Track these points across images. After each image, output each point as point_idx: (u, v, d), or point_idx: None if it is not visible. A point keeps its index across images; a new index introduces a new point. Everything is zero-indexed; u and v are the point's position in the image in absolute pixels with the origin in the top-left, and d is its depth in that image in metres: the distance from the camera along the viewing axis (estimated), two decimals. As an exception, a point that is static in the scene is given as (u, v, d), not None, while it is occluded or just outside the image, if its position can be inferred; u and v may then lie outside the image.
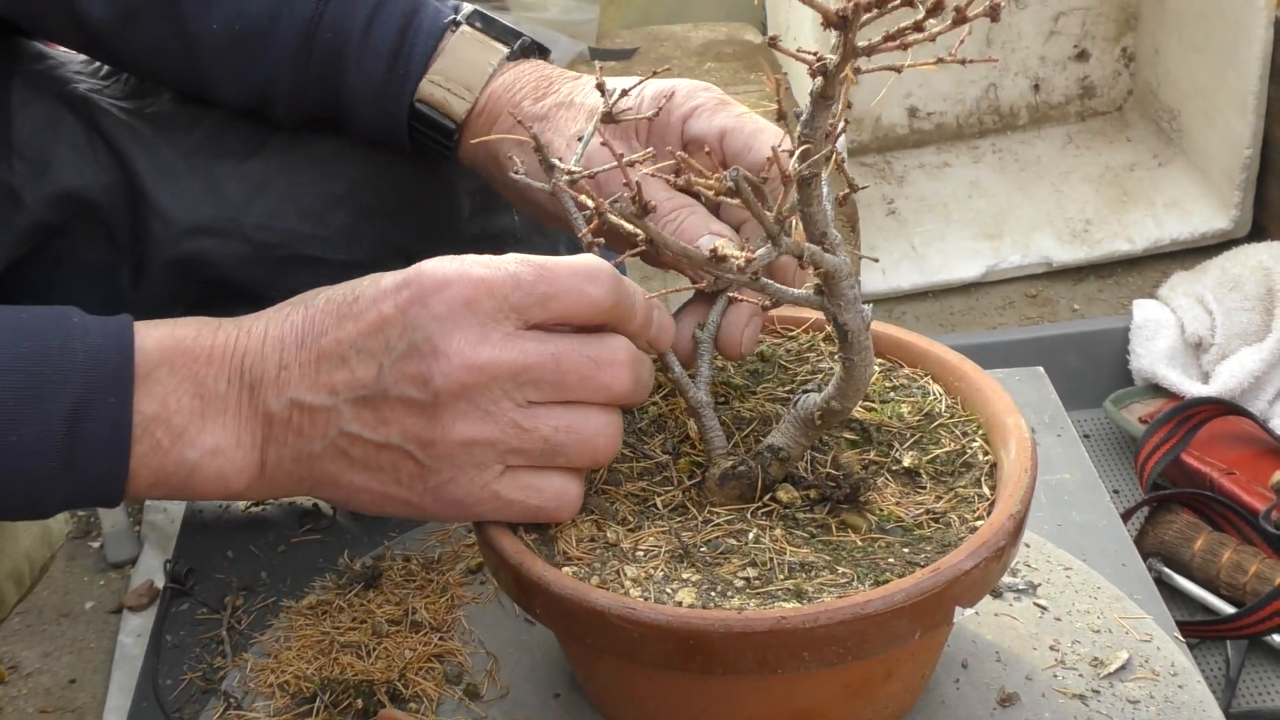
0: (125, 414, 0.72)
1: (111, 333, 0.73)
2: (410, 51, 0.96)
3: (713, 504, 0.81)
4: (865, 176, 2.71)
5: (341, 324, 0.74)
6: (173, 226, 0.98)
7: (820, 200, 0.66)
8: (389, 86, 0.96)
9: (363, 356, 0.73)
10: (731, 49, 2.68)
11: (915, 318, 2.49)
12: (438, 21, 0.98)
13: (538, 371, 0.73)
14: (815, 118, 0.62)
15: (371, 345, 0.73)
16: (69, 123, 0.99)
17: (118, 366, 0.72)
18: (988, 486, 0.81)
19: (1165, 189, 2.63)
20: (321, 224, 1.00)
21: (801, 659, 0.70)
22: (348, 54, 0.96)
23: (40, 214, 0.98)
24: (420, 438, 0.73)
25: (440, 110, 0.96)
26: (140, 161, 0.99)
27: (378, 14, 0.96)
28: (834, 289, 0.70)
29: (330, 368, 0.74)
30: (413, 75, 0.96)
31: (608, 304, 0.74)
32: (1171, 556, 1.82)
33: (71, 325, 0.73)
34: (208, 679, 0.96)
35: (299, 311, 0.75)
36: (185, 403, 0.74)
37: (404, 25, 0.97)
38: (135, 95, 1.03)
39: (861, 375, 0.75)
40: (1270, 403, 2.07)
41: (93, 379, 0.72)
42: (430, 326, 0.71)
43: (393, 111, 0.97)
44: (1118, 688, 0.86)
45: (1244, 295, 2.14)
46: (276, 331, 0.75)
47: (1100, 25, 2.75)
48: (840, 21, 0.55)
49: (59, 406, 0.71)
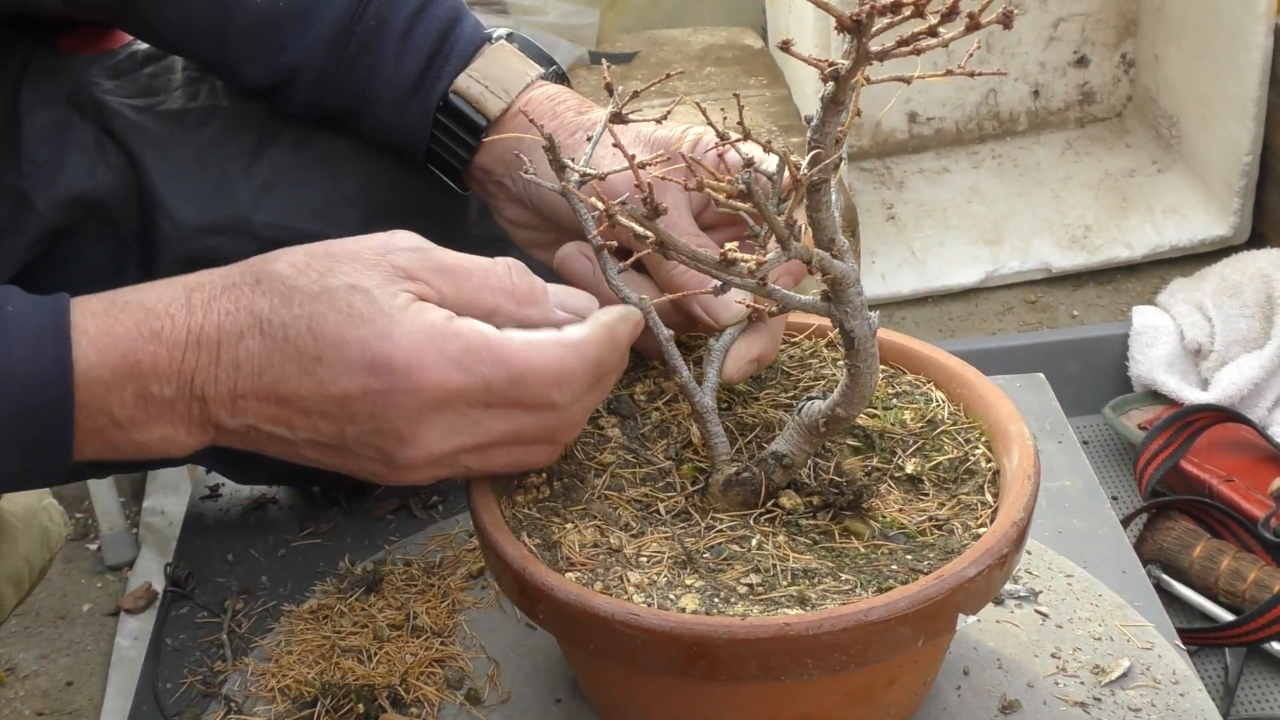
0: (66, 425, 0.74)
1: (48, 335, 0.73)
2: (450, 51, 0.97)
3: (716, 510, 0.81)
4: (865, 182, 2.71)
5: (302, 379, 0.75)
6: (182, 226, 0.98)
7: (829, 206, 0.66)
8: (424, 80, 0.97)
9: (325, 416, 0.76)
10: (731, 53, 2.68)
11: (914, 323, 2.49)
12: (478, 31, 0.99)
13: (500, 441, 0.78)
14: (826, 123, 0.62)
15: (334, 411, 0.75)
16: (78, 126, 0.99)
17: (57, 379, 0.73)
18: (990, 493, 0.81)
19: (1165, 195, 2.63)
20: (331, 224, 1.00)
21: (804, 665, 0.70)
22: (387, 45, 0.97)
23: (51, 218, 0.98)
24: (380, 474, 0.79)
25: (475, 105, 0.96)
26: (150, 161, 0.99)
27: (423, 12, 0.97)
28: (841, 295, 0.70)
29: (290, 412, 0.76)
30: (449, 72, 0.97)
31: (569, 402, 0.77)
32: (1170, 563, 1.82)
33: (7, 320, 0.73)
34: (208, 683, 0.95)
35: (255, 339, 0.75)
36: (129, 403, 0.75)
37: (447, 27, 0.98)
38: (147, 93, 1.03)
39: (867, 382, 0.75)
40: (1269, 410, 2.07)
41: (30, 391, 0.72)
42: (398, 422, 0.75)
43: (421, 108, 0.97)
44: (1119, 695, 0.86)
45: (1243, 302, 2.14)
46: (230, 356, 0.75)
47: (1100, 31, 2.75)
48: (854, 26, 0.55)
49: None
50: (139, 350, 0.74)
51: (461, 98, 0.96)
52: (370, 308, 0.74)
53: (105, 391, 0.74)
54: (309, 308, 0.75)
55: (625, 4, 2.90)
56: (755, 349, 0.85)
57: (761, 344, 0.85)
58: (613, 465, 0.84)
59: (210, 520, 1.14)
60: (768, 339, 0.86)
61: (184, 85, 1.04)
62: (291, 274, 0.76)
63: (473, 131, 0.97)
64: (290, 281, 0.75)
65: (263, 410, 0.76)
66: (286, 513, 1.14)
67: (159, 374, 0.75)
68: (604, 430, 0.87)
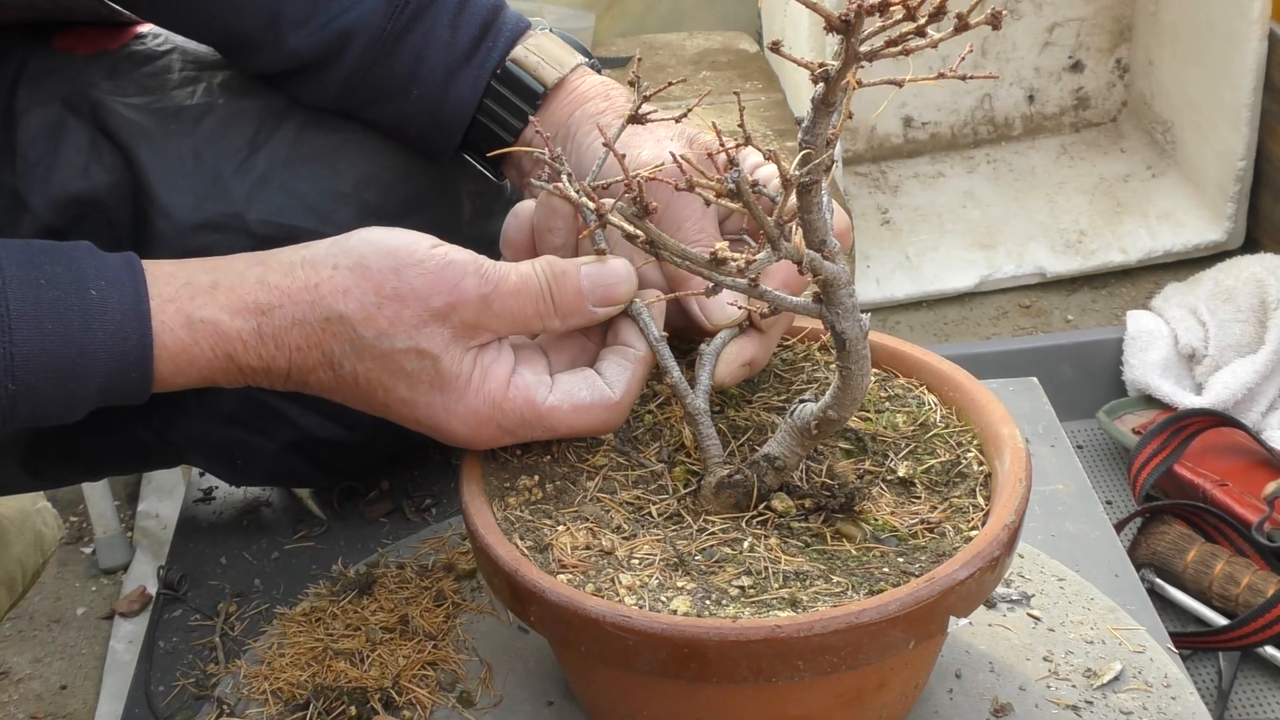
0: (146, 382, 0.81)
1: (129, 307, 0.79)
2: (502, 26, 1.00)
3: (708, 512, 0.81)
4: (860, 186, 2.71)
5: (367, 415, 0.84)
6: (177, 223, 0.98)
7: (820, 207, 0.66)
8: (479, 47, 0.99)
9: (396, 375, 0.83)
10: (727, 58, 2.68)
11: (909, 327, 2.49)
12: (523, 19, 1.02)
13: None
14: (816, 124, 0.62)
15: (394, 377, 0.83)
16: (73, 126, 0.99)
17: (139, 352, 0.79)
18: (982, 497, 0.81)
19: (1159, 200, 2.64)
20: (325, 221, 1.00)
21: (796, 668, 0.70)
22: (444, 11, 0.99)
23: (45, 217, 0.98)
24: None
25: (531, 73, 0.99)
26: (146, 160, 0.99)
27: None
28: (832, 297, 0.70)
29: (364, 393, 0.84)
30: (504, 42, 1.00)
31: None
32: (1164, 568, 1.82)
33: (90, 301, 0.78)
34: (200, 685, 0.95)
35: (327, 373, 0.83)
36: (205, 355, 0.82)
37: (495, 6, 1.01)
38: (143, 92, 1.03)
39: (858, 384, 0.75)
40: (1263, 414, 2.07)
41: (115, 364, 0.79)
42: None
43: (473, 77, 0.99)
44: (1111, 699, 0.86)
45: (1237, 307, 2.14)
46: (299, 380, 0.84)
47: (1095, 37, 2.75)
48: (843, 26, 0.55)
49: (86, 389, 0.79)
50: (213, 367, 0.82)
51: (519, 66, 0.99)
52: (437, 378, 0.81)
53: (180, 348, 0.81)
54: (379, 365, 0.81)
55: (621, 8, 2.90)
56: (747, 353, 0.85)
57: (754, 348, 0.85)
58: (605, 468, 0.85)
59: (204, 524, 1.14)
60: (760, 344, 0.86)
61: (180, 84, 1.04)
62: (359, 319, 0.81)
63: (529, 100, 0.98)
64: (359, 330, 0.81)
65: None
66: (280, 516, 1.14)
67: (231, 381, 0.84)
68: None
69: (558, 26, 1.05)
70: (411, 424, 0.84)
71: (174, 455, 1.09)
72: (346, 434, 1.06)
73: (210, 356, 0.82)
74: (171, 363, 0.81)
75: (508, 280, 0.81)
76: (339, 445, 1.06)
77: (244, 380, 0.84)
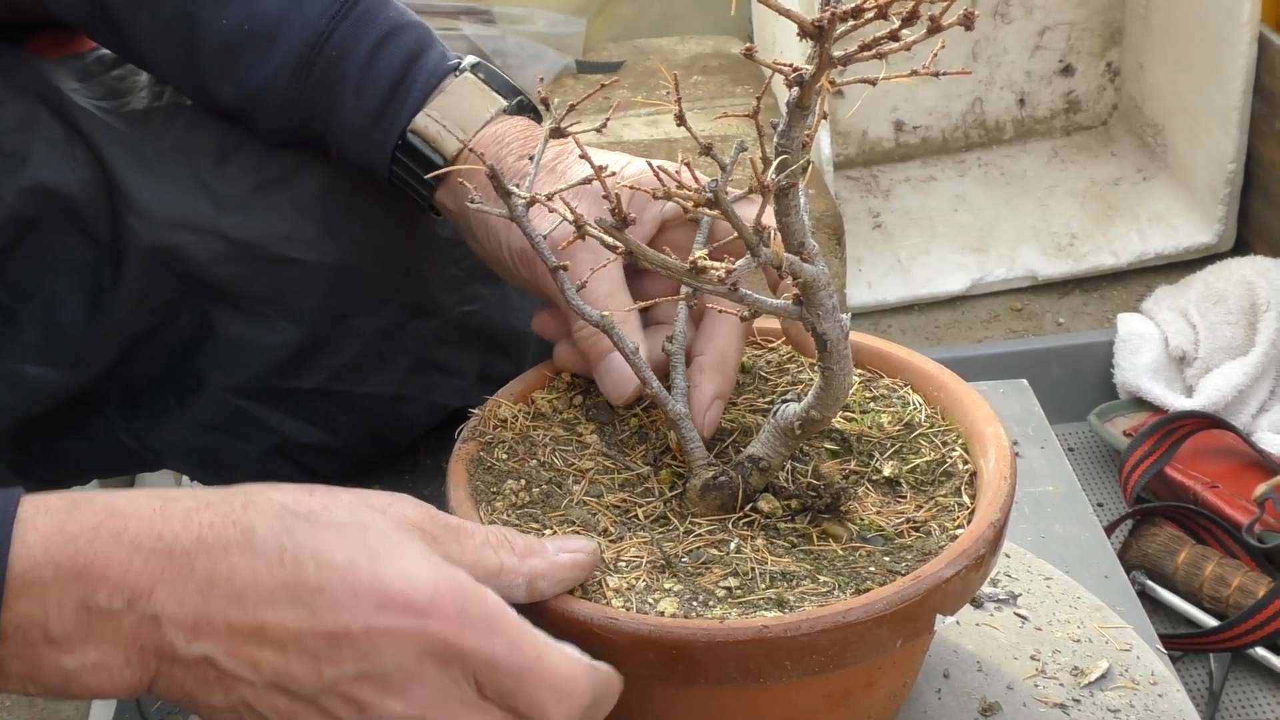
0: None
1: None
2: (411, 85, 0.96)
3: (694, 514, 0.81)
4: (851, 190, 2.72)
5: (293, 608, 0.66)
6: (151, 221, 0.98)
7: (798, 210, 0.67)
8: (385, 113, 0.96)
9: (305, 655, 0.66)
10: (718, 62, 2.69)
11: (901, 331, 2.50)
12: (442, 64, 0.98)
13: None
14: (792, 128, 0.63)
15: (319, 650, 0.66)
16: (46, 120, 0.99)
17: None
18: (968, 495, 0.81)
19: (1149, 203, 2.64)
20: (297, 225, 1.00)
21: (783, 668, 0.71)
22: (348, 76, 0.96)
23: (15, 205, 0.97)
24: None
25: (432, 145, 0.96)
26: (118, 159, 0.99)
27: (386, 43, 0.97)
28: (812, 298, 0.71)
29: (262, 646, 0.66)
30: (409, 107, 0.96)
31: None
32: (1155, 569, 1.83)
33: None
34: (190, 690, 0.95)
35: (242, 557, 0.66)
36: (68, 614, 0.64)
37: (409, 59, 0.97)
38: (113, 95, 1.03)
39: (840, 384, 0.75)
40: (1254, 416, 2.08)
41: None
42: (392, 667, 0.67)
43: (381, 141, 0.97)
44: (1098, 697, 0.86)
45: (1227, 309, 2.15)
46: (206, 572, 0.65)
47: (1085, 40, 2.76)
48: (816, 31, 0.55)
49: None
50: (92, 550, 0.64)
51: (420, 136, 0.96)
52: (388, 545, 0.68)
53: (43, 595, 0.63)
54: (314, 536, 0.67)
55: (612, 13, 2.91)
56: (710, 388, 0.85)
57: (716, 381, 0.85)
58: (591, 471, 0.85)
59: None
60: (721, 375, 0.85)
61: (149, 86, 1.04)
62: (291, 502, 0.68)
63: (431, 168, 0.96)
64: (291, 508, 0.68)
65: (231, 640, 0.65)
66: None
67: (110, 581, 0.64)
68: (582, 437, 0.88)
69: (549, 31, 1.05)
70: (347, 612, 0.66)
71: (155, 461, 1.10)
72: (327, 438, 1.06)
73: (90, 536, 0.65)
74: (39, 545, 0.64)
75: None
76: (320, 449, 1.06)
77: (120, 587, 0.64)
